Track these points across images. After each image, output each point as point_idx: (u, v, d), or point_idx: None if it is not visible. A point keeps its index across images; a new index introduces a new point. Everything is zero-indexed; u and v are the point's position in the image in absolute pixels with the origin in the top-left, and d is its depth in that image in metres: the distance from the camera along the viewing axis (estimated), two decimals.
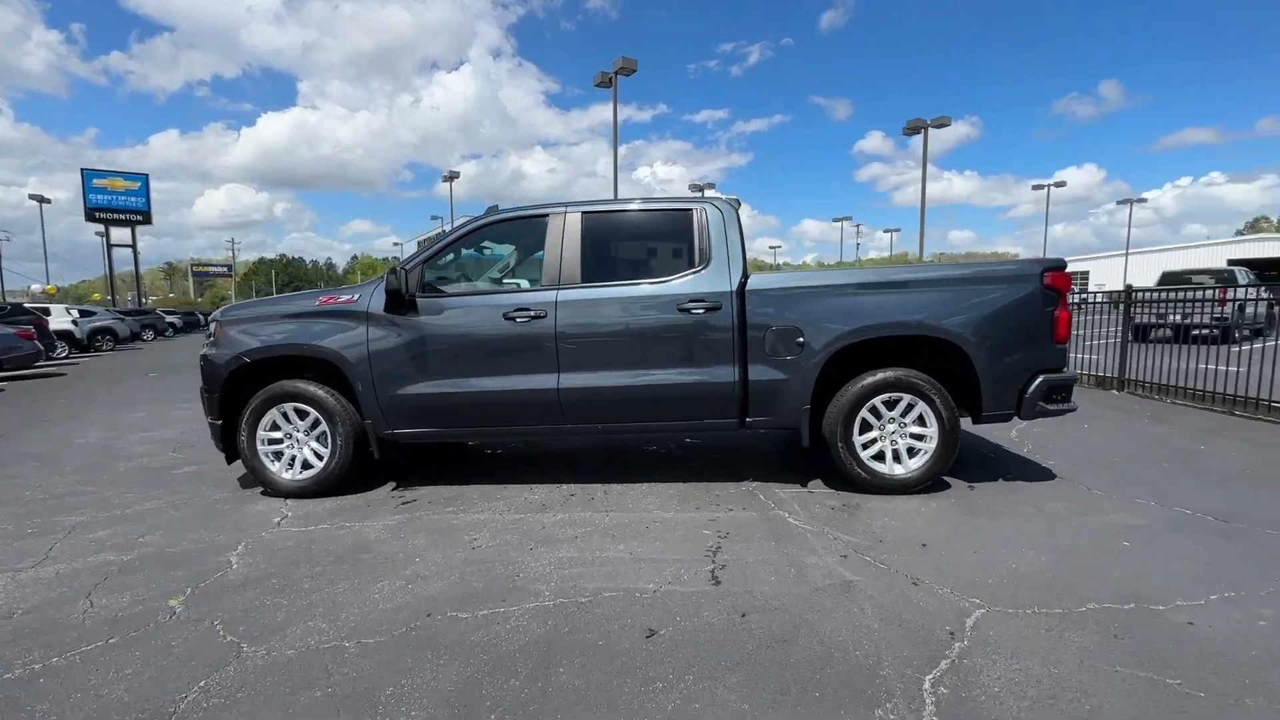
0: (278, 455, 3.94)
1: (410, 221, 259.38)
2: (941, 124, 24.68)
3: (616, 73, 19.09)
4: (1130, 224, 43.54)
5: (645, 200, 4.01)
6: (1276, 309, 8.62)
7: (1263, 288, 8.21)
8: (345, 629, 2.29)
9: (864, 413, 3.66)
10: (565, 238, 3.84)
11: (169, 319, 30.73)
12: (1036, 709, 1.76)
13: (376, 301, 3.82)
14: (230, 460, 4.07)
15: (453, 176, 34.00)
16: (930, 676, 1.92)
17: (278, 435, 3.92)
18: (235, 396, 3.93)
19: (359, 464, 3.93)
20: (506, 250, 4.66)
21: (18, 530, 3.43)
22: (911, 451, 3.69)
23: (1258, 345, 6.98)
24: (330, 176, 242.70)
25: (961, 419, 3.73)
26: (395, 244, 62.87)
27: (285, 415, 3.90)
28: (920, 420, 3.66)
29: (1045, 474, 4.06)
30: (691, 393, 3.70)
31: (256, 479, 3.95)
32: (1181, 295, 7.34)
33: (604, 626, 2.28)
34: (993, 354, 3.57)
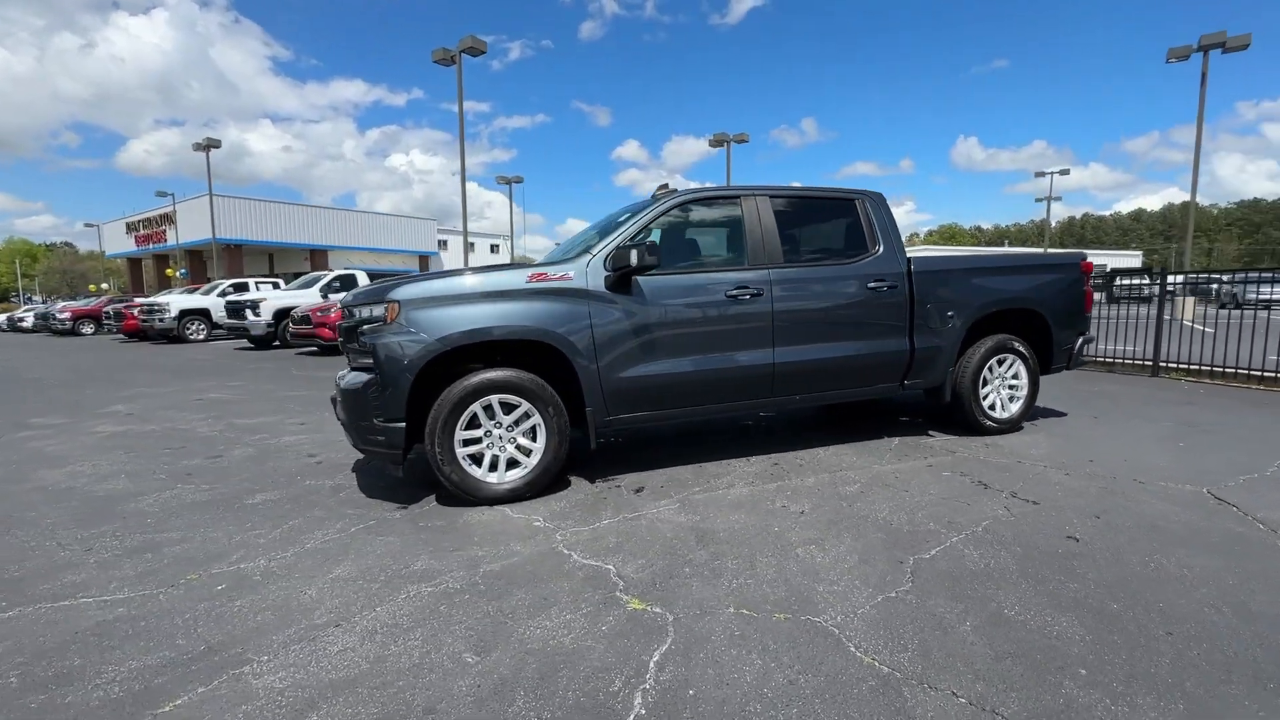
0: (475, 459, 3.41)
1: (83, 201, 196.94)
2: (741, 140, 28.23)
3: (461, 52, 17.95)
4: None
5: (814, 188, 4.39)
6: None
7: None
8: (860, 589, 2.37)
9: (984, 371, 4.60)
10: (762, 219, 4.03)
11: None
12: None
13: (595, 279, 3.57)
14: (398, 466, 3.41)
15: (211, 145, 27.73)
16: (1259, 526, 2.83)
17: (475, 434, 3.40)
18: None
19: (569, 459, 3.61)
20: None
21: (211, 587, 2.48)
22: (1011, 399, 4.75)
23: None
24: None
25: None
26: (88, 225, 48.53)
27: (488, 410, 3.40)
28: (1015, 375, 4.74)
29: (1058, 412, 5.50)
30: (877, 361, 4.23)
31: (453, 488, 3.36)
32: None
33: (1033, 539, 2.74)
34: (1060, 321, 4.80)
